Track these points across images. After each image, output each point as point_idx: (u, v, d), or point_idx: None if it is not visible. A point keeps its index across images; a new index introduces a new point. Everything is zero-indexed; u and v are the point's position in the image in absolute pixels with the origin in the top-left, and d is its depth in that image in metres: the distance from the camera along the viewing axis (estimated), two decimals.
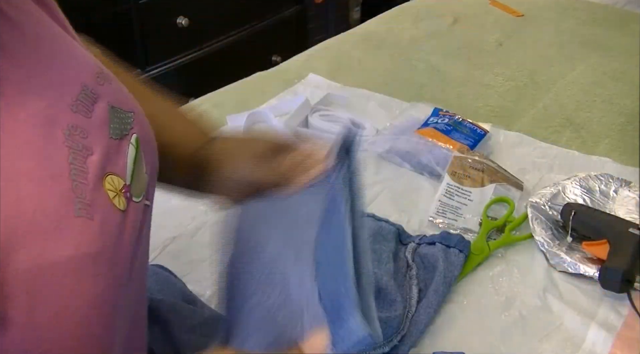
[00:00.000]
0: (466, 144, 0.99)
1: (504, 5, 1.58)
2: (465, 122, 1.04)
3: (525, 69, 1.30)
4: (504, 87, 1.24)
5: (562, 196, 0.89)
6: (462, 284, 0.78)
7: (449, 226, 0.86)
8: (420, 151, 0.98)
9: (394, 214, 0.89)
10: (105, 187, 0.39)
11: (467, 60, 1.34)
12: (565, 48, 1.39)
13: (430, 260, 0.79)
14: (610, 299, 0.76)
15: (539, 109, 1.17)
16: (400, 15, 1.55)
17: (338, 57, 1.35)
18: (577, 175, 0.92)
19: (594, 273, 0.77)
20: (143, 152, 0.45)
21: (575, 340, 0.71)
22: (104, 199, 0.38)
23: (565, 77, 1.27)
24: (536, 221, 0.85)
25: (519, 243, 0.85)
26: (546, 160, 1.02)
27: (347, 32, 1.49)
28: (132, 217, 0.41)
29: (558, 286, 0.78)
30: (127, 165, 0.42)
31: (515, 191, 0.92)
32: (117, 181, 0.40)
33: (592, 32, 1.45)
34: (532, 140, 1.07)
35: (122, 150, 0.42)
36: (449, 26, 1.49)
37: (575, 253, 0.81)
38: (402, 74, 1.29)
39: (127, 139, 0.43)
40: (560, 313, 0.74)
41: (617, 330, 0.72)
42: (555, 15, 1.54)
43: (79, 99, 0.41)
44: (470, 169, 0.93)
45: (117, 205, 0.39)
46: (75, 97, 0.41)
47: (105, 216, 0.38)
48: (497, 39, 1.43)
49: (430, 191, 0.94)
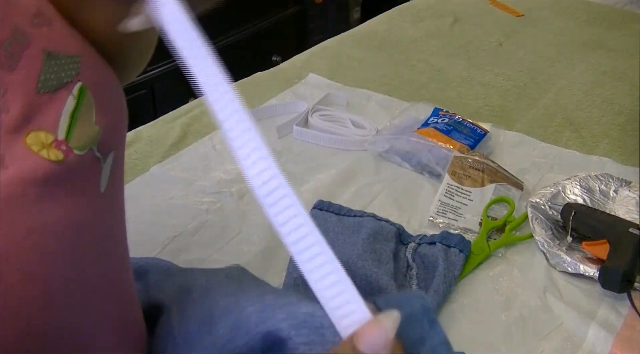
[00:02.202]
0: (466, 144, 0.99)
1: (504, 5, 1.58)
2: (465, 122, 1.04)
3: (525, 69, 1.30)
4: (504, 87, 1.24)
5: (562, 196, 0.89)
6: (462, 284, 0.79)
7: (449, 226, 0.87)
8: (420, 150, 0.98)
9: (394, 214, 0.89)
10: (26, 142, 0.36)
11: (467, 60, 1.34)
12: (565, 48, 1.39)
13: (430, 260, 0.79)
14: (610, 299, 0.76)
15: (539, 109, 1.17)
16: (400, 15, 1.56)
17: (338, 57, 1.35)
18: (577, 175, 0.92)
19: (594, 273, 0.77)
20: (95, 99, 0.41)
21: (575, 340, 0.71)
22: (23, 152, 0.36)
23: (565, 77, 1.27)
24: (536, 221, 0.85)
25: (519, 243, 0.85)
26: (546, 160, 1.02)
27: (347, 32, 1.49)
28: (76, 168, 0.39)
29: (558, 286, 0.78)
30: (61, 119, 0.39)
31: (516, 191, 0.92)
32: (43, 136, 0.37)
33: (592, 32, 1.46)
34: (532, 140, 1.07)
35: (55, 103, 0.39)
36: (449, 26, 1.49)
37: (575, 253, 0.81)
38: (402, 74, 1.29)
39: (66, 90, 0.40)
40: (560, 313, 0.74)
41: (617, 330, 0.72)
42: (555, 15, 1.54)
43: (4, 47, 0.37)
44: (471, 169, 0.93)
45: (47, 157, 0.37)
46: (1, 44, 0.37)
47: (25, 166, 0.35)
48: (497, 39, 1.43)
49: (430, 191, 0.94)
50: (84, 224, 0.39)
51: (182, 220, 0.88)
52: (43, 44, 0.39)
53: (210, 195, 0.92)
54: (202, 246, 0.83)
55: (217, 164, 0.99)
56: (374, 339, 0.34)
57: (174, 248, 0.83)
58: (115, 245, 0.46)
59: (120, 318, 0.45)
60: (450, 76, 1.28)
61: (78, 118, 0.40)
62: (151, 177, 0.96)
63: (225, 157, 1.01)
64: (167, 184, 0.94)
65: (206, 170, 0.98)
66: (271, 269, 0.80)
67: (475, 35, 1.44)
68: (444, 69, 1.30)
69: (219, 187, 0.94)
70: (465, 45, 1.40)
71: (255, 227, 0.86)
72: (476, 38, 1.43)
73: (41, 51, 0.39)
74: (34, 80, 0.38)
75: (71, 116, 0.39)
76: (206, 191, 0.93)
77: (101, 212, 0.42)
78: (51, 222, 0.35)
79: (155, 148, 1.03)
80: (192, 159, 1.01)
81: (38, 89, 0.38)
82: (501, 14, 1.55)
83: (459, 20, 1.51)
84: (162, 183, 0.95)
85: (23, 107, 0.37)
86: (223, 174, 0.97)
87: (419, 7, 1.59)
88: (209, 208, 0.90)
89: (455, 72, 1.29)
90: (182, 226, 0.86)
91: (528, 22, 1.51)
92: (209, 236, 0.85)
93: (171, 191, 0.93)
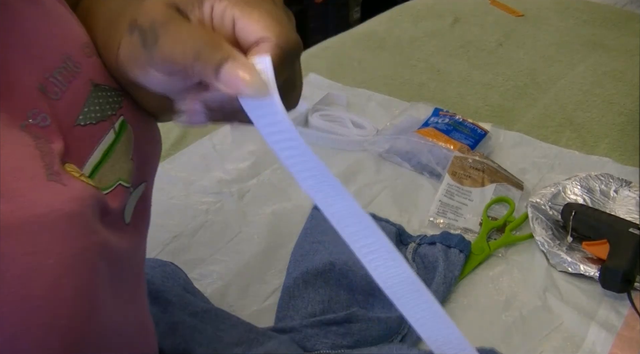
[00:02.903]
0: (466, 144, 0.99)
1: (504, 5, 1.58)
2: (465, 122, 1.04)
3: (525, 69, 1.30)
4: (504, 87, 1.24)
5: (562, 196, 0.89)
6: (462, 284, 0.79)
7: (449, 226, 0.87)
8: (420, 150, 0.98)
9: (394, 214, 0.89)
10: (66, 169, 0.36)
11: (467, 60, 1.34)
12: (565, 48, 1.39)
13: (430, 260, 0.79)
14: (610, 299, 0.76)
15: (539, 109, 1.17)
16: (400, 15, 1.55)
17: (338, 57, 1.35)
18: (577, 175, 0.93)
19: (594, 273, 0.77)
20: (134, 135, 0.41)
21: (575, 340, 0.71)
22: (68, 176, 0.36)
23: (565, 77, 1.27)
24: (536, 221, 0.85)
25: (519, 243, 0.85)
26: (546, 160, 1.02)
27: (347, 32, 1.49)
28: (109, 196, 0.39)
29: (558, 286, 0.78)
30: (93, 155, 0.38)
31: (516, 191, 0.92)
32: (75, 168, 0.37)
33: (592, 32, 1.46)
34: (532, 140, 1.07)
35: (89, 138, 0.38)
36: (449, 26, 1.49)
37: (576, 253, 0.81)
38: (402, 74, 1.29)
39: (109, 122, 0.39)
40: (560, 313, 0.74)
41: (617, 330, 0.72)
42: (555, 15, 1.54)
43: (53, 75, 0.37)
44: (471, 169, 0.93)
45: (87, 181, 0.37)
46: (50, 72, 0.37)
47: (76, 187, 0.35)
48: (497, 39, 1.43)
49: (430, 191, 0.94)
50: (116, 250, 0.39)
51: (182, 220, 0.88)
52: (90, 75, 0.39)
53: (210, 195, 0.92)
54: (202, 246, 0.83)
55: (217, 164, 0.99)
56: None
57: (174, 248, 0.83)
58: (138, 271, 0.46)
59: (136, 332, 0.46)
60: (450, 76, 1.28)
61: (113, 153, 0.39)
62: None
63: (225, 157, 1.01)
64: (167, 184, 0.94)
65: (206, 170, 0.98)
66: (271, 269, 0.80)
67: (475, 35, 1.44)
68: (444, 69, 1.30)
69: (219, 187, 0.94)
70: (465, 45, 1.40)
71: (255, 227, 0.86)
72: (476, 38, 1.43)
73: (88, 81, 0.39)
74: (79, 110, 0.38)
75: (104, 152, 0.39)
76: (206, 191, 0.93)
77: (126, 241, 0.42)
78: (98, 243, 0.36)
79: None
80: (192, 159, 1.01)
81: (78, 121, 0.38)
82: (501, 14, 1.55)
83: (459, 20, 1.51)
84: (162, 183, 0.95)
85: (65, 139, 0.37)
86: (223, 174, 0.97)
87: (419, 7, 1.59)
88: (209, 208, 0.90)
89: (455, 72, 1.29)
90: (182, 226, 0.86)
91: (528, 22, 1.51)
92: (209, 236, 0.85)
93: (171, 191, 0.93)
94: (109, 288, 0.38)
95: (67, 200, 0.34)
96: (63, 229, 0.33)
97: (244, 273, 0.80)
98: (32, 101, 0.36)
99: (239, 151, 1.02)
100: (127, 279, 0.42)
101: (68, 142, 0.37)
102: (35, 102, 0.36)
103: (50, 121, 0.36)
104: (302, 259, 0.77)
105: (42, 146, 0.35)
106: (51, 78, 0.37)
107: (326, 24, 2.35)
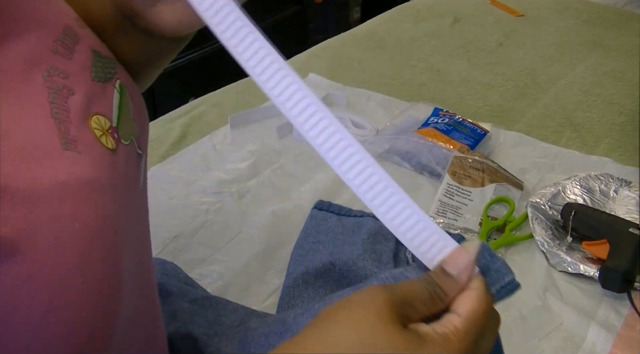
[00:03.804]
0: (466, 144, 0.99)
1: (504, 5, 1.58)
2: (465, 122, 1.04)
3: (525, 69, 1.30)
4: (504, 87, 1.24)
5: (562, 196, 0.89)
6: None
7: (449, 226, 0.87)
8: (420, 150, 0.98)
9: None
10: (91, 125, 0.38)
11: (467, 60, 1.34)
12: (565, 48, 1.39)
13: None
14: (610, 299, 0.76)
15: (539, 109, 1.17)
16: (400, 15, 1.56)
17: (338, 57, 1.35)
18: (577, 175, 0.93)
19: (594, 272, 0.77)
20: (130, 100, 0.44)
21: (575, 340, 0.71)
22: (91, 138, 0.37)
23: (565, 77, 1.27)
24: (536, 220, 0.85)
25: (519, 243, 0.85)
26: (546, 160, 1.02)
27: (347, 32, 1.49)
28: (123, 158, 0.40)
29: (558, 286, 0.78)
30: (113, 107, 0.41)
31: (516, 190, 0.92)
32: (103, 121, 0.39)
33: (592, 32, 1.46)
34: (532, 140, 1.07)
35: (107, 93, 0.41)
36: (449, 26, 1.49)
37: (575, 253, 0.81)
38: (402, 74, 1.29)
39: (111, 83, 0.42)
40: (560, 312, 0.74)
41: (617, 330, 0.72)
42: (555, 15, 1.54)
43: (60, 40, 0.39)
44: (471, 169, 0.93)
45: (105, 144, 0.38)
46: (56, 37, 0.39)
47: (93, 152, 0.37)
48: (497, 39, 1.43)
49: (430, 191, 0.94)
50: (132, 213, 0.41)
51: (182, 220, 0.88)
52: (89, 43, 0.42)
53: (210, 195, 0.92)
54: (202, 246, 0.83)
55: (217, 164, 0.99)
56: (459, 260, 0.39)
57: (174, 248, 0.83)
58: (147, 243, 0.48)
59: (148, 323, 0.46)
60: (450, 76, 1.28)
61: (122, 110, 0.42)
62: (151, 178, 0.96)
63: (225, 157, 1.01)
64: (167, 184, 0.94)
65: (206, 170, 0.98)
66: (271, 269, 0.80)
67: (475, 35, 1.44)
68: (444, 69, 1.30)
69: (219, 187, 0.94)
70: (465, 45, 1.40)
71: (255, 227, 0.86)
72: (476, 38, 1.43)
73: (89, 48, 0.42)
74: (89, 70, 0.40)
75: (118, 107, 0.41)
76: (206, 191, 0.93)
77: (140, 207, 0.44)
78: (122, 206, 0.37)
79: (155, 148, 1.03)
80: (192, 159, 1.01)
81: (93, 77, 0.40)
82: (501, 14, 1.55)
83: (459, 20, 1.51)
84: (162, 183, 0.95)
85: (86, 92, 0.39)
86: (223, 174, 0.97)
87: (419, 7, 1.59)
88: (209, 208, 0.90)
89: (455, 72, 1.29)
90: (182, 226, 0.86)
91: (528, 22, 1.51)
92: (209, 236, 0.85)
93: (171, 191, 0.93)
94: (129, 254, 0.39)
95: (86, 170, 0.35)
96: (84, 195, 0.35)
97: (244, 273, 0.80)
98: (49, 58, 0.38)
99: (239, 151, 1.02)
100: (142, 246, 0.44)
101: (94, 95, 0.39)
102: (52, 60, 0.38)
103: (70, 75, 0.39)
104: (302, 259, 0.78)
105: (59, 111, 0.36)
106: (59, 42, 0.39)
107: (326, 24, 2.35)
